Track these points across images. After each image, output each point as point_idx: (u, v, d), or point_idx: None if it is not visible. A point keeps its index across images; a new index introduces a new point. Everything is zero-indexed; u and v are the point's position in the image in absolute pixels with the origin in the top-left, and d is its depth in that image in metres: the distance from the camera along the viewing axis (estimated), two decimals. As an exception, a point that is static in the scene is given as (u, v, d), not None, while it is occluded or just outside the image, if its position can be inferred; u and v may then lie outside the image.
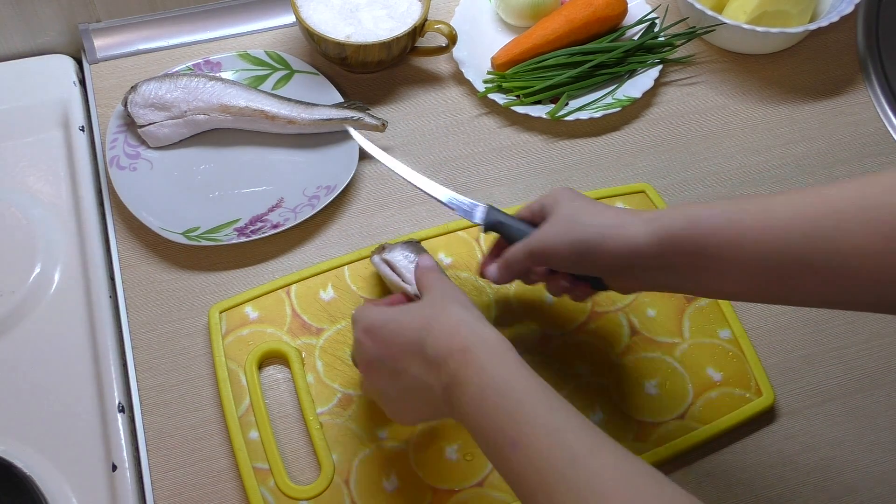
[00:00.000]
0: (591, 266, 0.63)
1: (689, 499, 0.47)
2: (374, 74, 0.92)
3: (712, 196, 0.86)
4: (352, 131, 0.83)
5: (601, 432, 0.51)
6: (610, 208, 0.64)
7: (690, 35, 0.94)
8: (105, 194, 0.83)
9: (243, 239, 0.78)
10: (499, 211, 0.69)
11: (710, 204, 0.59)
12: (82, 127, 0.85)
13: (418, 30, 0.88)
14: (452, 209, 0.71)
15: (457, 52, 0.92)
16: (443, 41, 0.91)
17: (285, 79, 0.89)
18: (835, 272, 0.54)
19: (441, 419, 0.65)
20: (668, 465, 0.71)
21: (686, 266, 0.59)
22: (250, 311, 0.75)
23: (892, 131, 0.92)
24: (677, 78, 0.95)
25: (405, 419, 0.64)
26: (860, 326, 0.79)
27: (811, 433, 0.74)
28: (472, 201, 0.70)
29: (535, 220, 0.67)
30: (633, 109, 0.92)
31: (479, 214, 0.69)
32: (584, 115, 0.89)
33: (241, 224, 0.80)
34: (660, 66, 0.93)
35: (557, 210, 0.64)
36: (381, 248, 0.74)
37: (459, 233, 0.80)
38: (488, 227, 0.69)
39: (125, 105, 0.83)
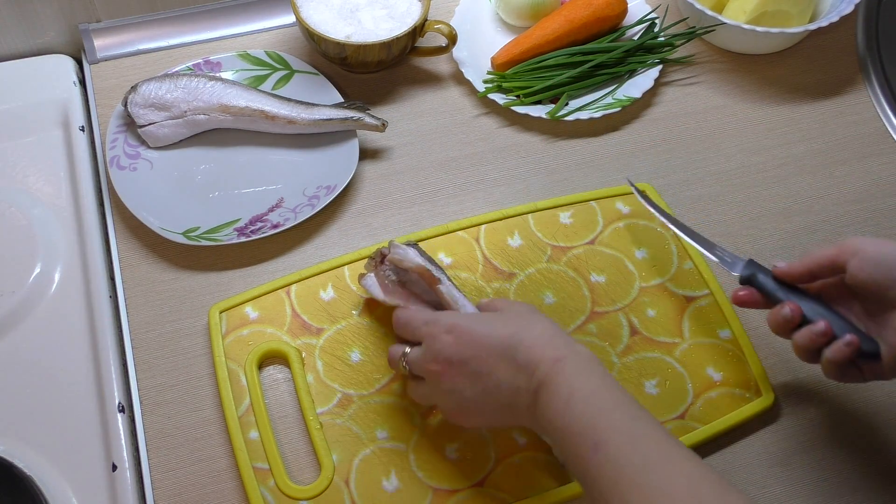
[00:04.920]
0: None
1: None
2: (374, 74, 0.92)
3: (712, 196, 0.86)
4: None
5: (677, 442, 0.56)
6: None
7: (690, 35, 0.94)
8: (105, 194, 0.83)
9: (243, 239, 0.78)
10: (759, 266, 0.69)
11: None
12: (82, 127, 0.85)
13: (418, 30, 0.88)
14: (714, 259, 0.72)
15: (457, 52, 0.92)
16: (443, 41, 0.91)
17: (285, 79, 0.89)
18: None
19: (508, 425, 0.67)
20: (668, 465, 0.71)
21: None
22: (250, 311, 0.75)
23: (892, 131, 0.92)
24: (677, 78, 0.95)
25: (470, 421, 0.65)
26: (860, 326, 0.79)
27: (811, 433, 0.73)
28: (734, 255, 0.71)
29: (820, 273, 0.66)
30: (633, 109, 0.92)
31: (738, 267, 0.70)
32: (584, 115, 0.89)
33: (241, 224, 0.80)
34: (660, 66, 0.93)
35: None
36: (377, 261, 0.73)
37: (459, 233, 0.80)
38: (744, 280, 0.69)
39: (125, 105, 0.83)
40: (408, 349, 0.67)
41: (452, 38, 0.90)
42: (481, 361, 0.62)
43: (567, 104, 0.90)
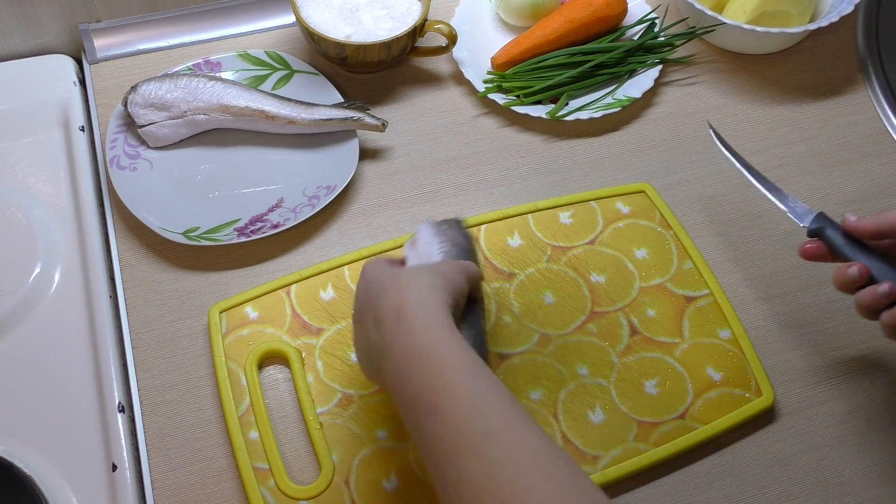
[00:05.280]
0: None
1: (595, 490, 0.48)
2: (374, 74, 0.92)
3: (712, 196, 0.86)
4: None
5: (522, 410, 0.51)
6: None
7: (690, 35, 0.94)
8: (105, 194, 0.83)
9: (243, 239, 0.78)
10: (829, 220, 0.70)
11: None
12: (82, 127, 0.85)
13: (418, 30, 0.88)
14: (785, 208, 0.74)
15: (457, 52, 0.92)
16: (443, 41, 0.91)
17: (285, 79, 0.89)
18: None
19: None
20: (668, 465, 0.71)
21: None
22: (250, 311, 0.75)
23: (892, 131, 0.92)
24: (677, 78, 0.95)
25: (371, 377, 0.63)
26: (860, 326, 0.79)
27: (811, 433, 0.73)
28: (805, 206, 0.73)
29: (889, 234, 0.67)
30: (633, 109, 0.92)
31: (808, 220, 0.71)
32: (584, 115, 0.89)
33: (241, 224, 0.80)
34: (660, 66, 0.93)
35: None
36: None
37: (459, 233, 0.80)
38: (812, 234, 0.71)
39: (125, 105, 0.83)
40: None
41: (452, 38, 0.90)
42: (364, 313, 0.60)
43: (567, 104, 0.90)
